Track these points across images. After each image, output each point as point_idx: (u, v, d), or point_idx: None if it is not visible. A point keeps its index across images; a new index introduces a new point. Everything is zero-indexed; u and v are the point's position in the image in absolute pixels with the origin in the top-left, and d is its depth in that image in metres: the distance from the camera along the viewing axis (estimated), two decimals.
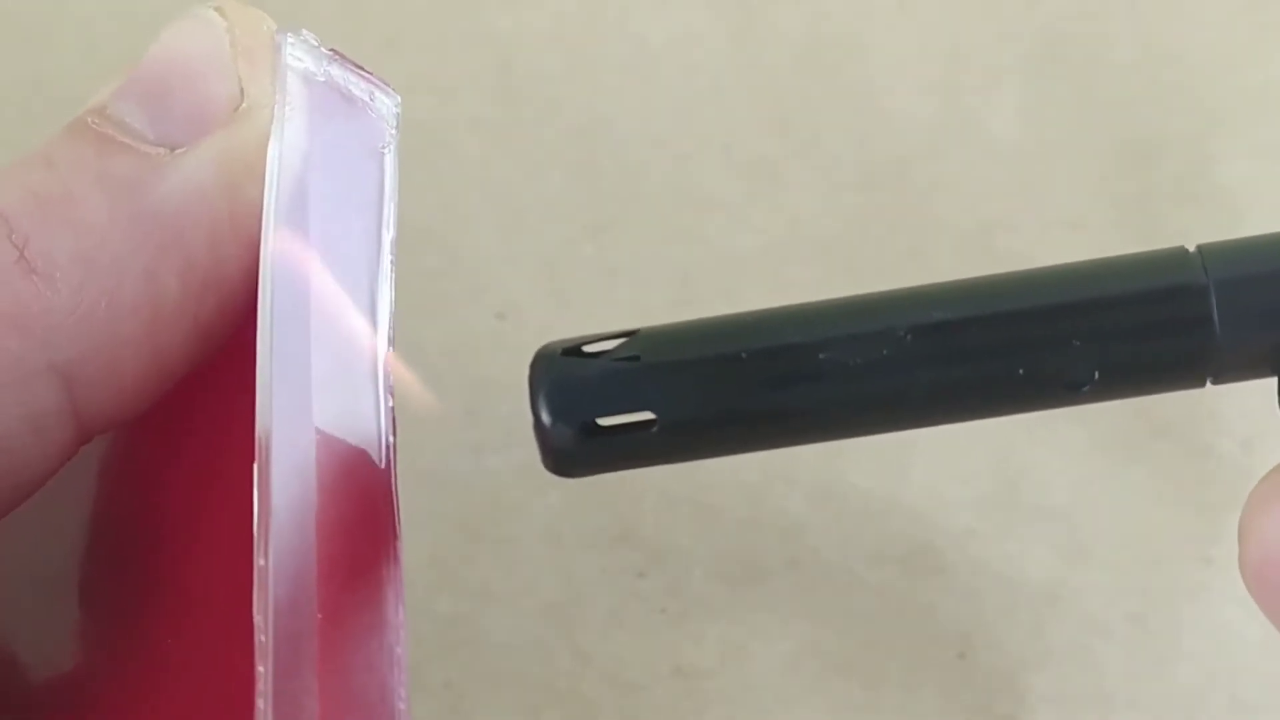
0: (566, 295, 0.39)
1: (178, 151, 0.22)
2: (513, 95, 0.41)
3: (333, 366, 0.22)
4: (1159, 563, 0.37)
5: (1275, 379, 0.23)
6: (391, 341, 0.23)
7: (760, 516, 0.37)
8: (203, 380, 0.23)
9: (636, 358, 0.22)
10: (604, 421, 0.22)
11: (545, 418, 0.22)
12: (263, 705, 0.20)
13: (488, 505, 0.37)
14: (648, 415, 0.22)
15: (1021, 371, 0.22)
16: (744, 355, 0.22)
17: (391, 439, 0.22)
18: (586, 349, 0.23)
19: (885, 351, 0.22)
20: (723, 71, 0.41)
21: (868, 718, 0.36)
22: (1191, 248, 0.23)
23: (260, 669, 0.20)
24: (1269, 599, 0.23)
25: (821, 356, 0.22)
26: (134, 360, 0.22)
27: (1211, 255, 0.22)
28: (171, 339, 0.22)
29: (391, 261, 0.23)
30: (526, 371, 0.23)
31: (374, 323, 0.23)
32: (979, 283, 0.23)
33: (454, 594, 0.36)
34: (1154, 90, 0.41)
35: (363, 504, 0.22)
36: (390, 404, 0.23)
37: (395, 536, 0.22)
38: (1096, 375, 0.22)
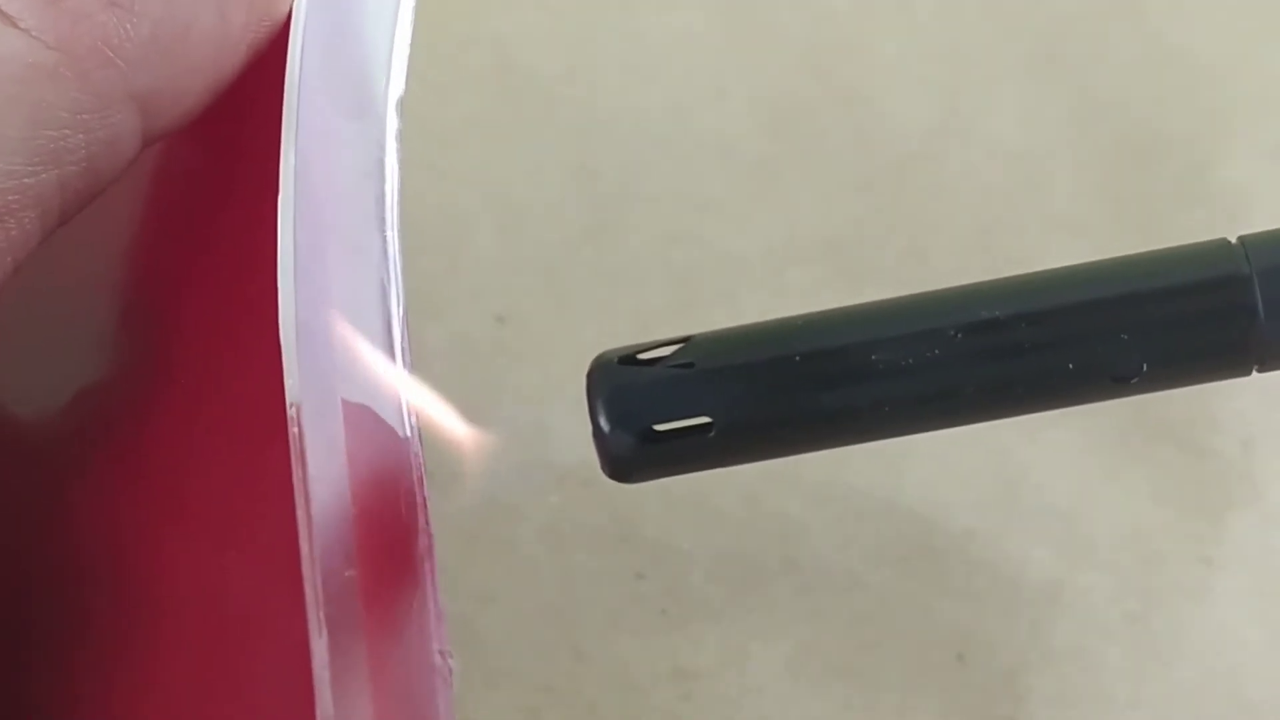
0: (567, 297, 0.39)
1: None
2: (513, 95, 0.41)
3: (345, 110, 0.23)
4: (1159, 563, 0.37)
5: None
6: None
7: (760, 518, 0.37)
8: (240, 91, 0.24)
9: (691, 364, 0.23)
10: (661, 427, 0.23)
11: (604, 425, 0.23)
12: (294, 419, 0.21)
13: (488, 505, 0.37)
14: (704, 420, 0.23)
15: (1071, 366, 0.23)
16: (797, 358, 0.23)
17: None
18: (641, 356, 0.23)
19: (936, 351, 0.23)
20: (723, 72, 0.41)
21: (867, 719, 0.36)
22: (1233, 239, 0.23)
23: (291, 413, 0.21)
24: None
25: (873, 357, 0.23)
26: (199, 86, 0.23)
27: (1254, 246, 0.23)
28: (231, 65, 0.23)
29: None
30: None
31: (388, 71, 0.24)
32: (1026, 280, 0.23)
33: (454, 594, 0.36)
34: (1154, 90, 0.41)
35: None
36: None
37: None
38: (1145, 367, 0.23)
